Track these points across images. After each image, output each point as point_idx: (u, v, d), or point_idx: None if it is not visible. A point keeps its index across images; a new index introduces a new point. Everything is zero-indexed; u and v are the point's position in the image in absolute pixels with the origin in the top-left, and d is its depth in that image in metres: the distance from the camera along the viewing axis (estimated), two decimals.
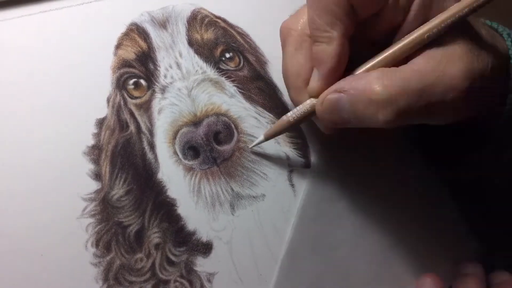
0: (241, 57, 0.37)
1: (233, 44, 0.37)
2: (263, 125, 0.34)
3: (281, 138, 0.35)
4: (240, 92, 0.35)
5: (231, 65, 0.36)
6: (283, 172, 0.34)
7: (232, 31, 0.37)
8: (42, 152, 0.30)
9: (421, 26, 0.28)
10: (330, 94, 0.28)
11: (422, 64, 0.27)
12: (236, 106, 0.34)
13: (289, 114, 0.31)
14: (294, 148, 0.35)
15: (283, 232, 0.32)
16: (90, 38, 0.34)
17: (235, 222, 0.31)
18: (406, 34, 0.28)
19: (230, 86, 0.35)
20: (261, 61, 0.37)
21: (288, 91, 0.32)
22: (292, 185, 0.34)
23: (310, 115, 0.30)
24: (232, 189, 0.32)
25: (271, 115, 0.35)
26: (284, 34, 0.31)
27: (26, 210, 0.29)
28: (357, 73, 0.29)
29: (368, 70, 0.28)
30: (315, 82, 0.29)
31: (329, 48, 0.28)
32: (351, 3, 0.27)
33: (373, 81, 0.26)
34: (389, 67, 0.28)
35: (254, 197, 0.32)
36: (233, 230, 0.31)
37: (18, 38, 0.33)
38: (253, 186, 0.33)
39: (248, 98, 0.35)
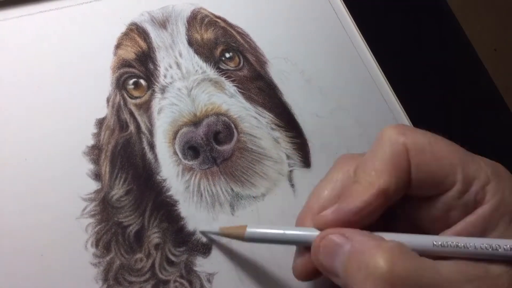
0: (241, 57, 0.37)
1: (233, 44, 0.37)
2: (263, 125, 0.34)
3: (281, 137, 0.35)
4: (240, 92, 0.35)
5: (231, 65, 0.36)
6: (283, 172, 0.34)
7: (232, 31, 0.37)
8: (42, 152, 0.30)
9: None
10: (335, 235, 0.24)
11: (447, 269, 0.22)
12: (236, 106, 0.34)
13: (287, 230, 0.26)
14: (294, 148, 0.35)
15: None
16: (90, 38, 0.34)
17: (235, 222, 0.31)
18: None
19: (230, 86, 0.35)
20: (261, 61, 0.37)
21: (302, 208, 0.28)
22: (292, 185, 0.34)
23: (302, 242, 0.26)
24: (232, 189, 0.32)
25: (271, 115, 0.35)
26: (337, 161, 0.28)
27: (26, 210, 0.28)
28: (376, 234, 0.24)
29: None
30: (328, 211, 0.25)
31: (363, 191, 0.24)
32: (411, 170, 0.24)
33: (383, 248, 0.22)
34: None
35: (254, 197, 0.32)
36: None
37: (18, 38, 0.33)
38: (253, 186, 0.32)
39: (248, 98, 0.35)
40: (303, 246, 0.26)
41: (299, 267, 0.26)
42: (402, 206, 0.26)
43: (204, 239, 0.31)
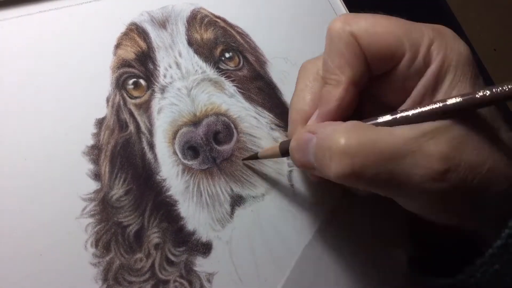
0: (240, 57, 0.37)
1: (232, 44, 0.37)
2: (262, 125, 0.34)
3: (281, 138, 0.35)
4: (239, 92, 0.35)
5: (231, 65, 0.36)
6: (283, 172, 0.34)
7: (232, 31, 0.37)
8: (42, 152, 0.30)
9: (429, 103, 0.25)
10: (304, 133, 0.27)
11: (402, 131, 0.24)
12: (236, 106, 0.34)
13: (285, 142, 0.30)
14: None
15: (282, 232, 0.32)
16: (90, 38, 0.34)
17: (235, 222, 0.31)
18: (413, 102, 0.26)
19: (229, 86, 0.35)
20: (261, 61, 0.37)
21: (288, 126, 0.31)
22: (292, 185, 0.34)
23: None
24: (232, 189, 0.32)
25: (271, 115, 0.35)
26: (300, 71, 0.31)
27: (25, 210, 0.28)
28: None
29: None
30: (312, 120, 0.28)
31: (334, 90, 0.27)
32: (365, 53, 0.26)
33: (340, 130, 0.25)
34: None
35: (254, 197, 0.32)
36: (233, 230, 0.31)
37: (17, 38, 0.33)
38: (252, 186, 0.32)
39: (248, 98, 0.35)
40: None
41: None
42: (368, 89, 0.28)
43: (203, 239, 0.31)
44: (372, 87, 0.28)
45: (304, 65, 0.31)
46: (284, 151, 0.29)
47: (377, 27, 0.26)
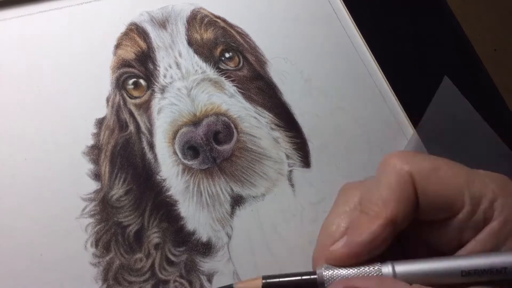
0: (240, 57, 0.36)
1: (232, 44, 0.37)
2: (262, 125, 0.34)
3: (281, 137, 0.35)
4: (239, 92, 0.35)
5: (231, 65, 0.36)
6: (283, 172, 0.34)
7: (232, 31, 0.37)
8: (42, 152, 0.30)
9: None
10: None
11: None
12: (236, 106, 0.34)
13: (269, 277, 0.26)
14: (294, 148, 0.35)
15: (282, 232, 0.32)
16: (90, 38, 0.34)
17: (235, 222, 0.31)
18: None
19: (229, 86, 0.35)
20: (261, 61, 0.37)
21: (314, 250, 0.28)
22: (292, 185, 0.34)
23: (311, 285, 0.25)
24: (232, 189, 0.32)
25: (271, 115, 0.35)
26: (340, 194, 0.29)
27: (25, 210, 0.28)
28: (386, 272, 0.24)
29: (403, 277, 0.24)
30: (338, 246, 0.25)
31: (369, 223, 0.24)
32: (418, 197, 0.25)
33: None
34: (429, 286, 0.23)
35: (254, 197, 0.32)
36: (233, 230, 0.31)
37: (18, 38, 0.33)
38: (253, 186, 0.32)
39: (248, 98, 0.35)
40: None
41: None
42: (413, 229, 0.26)
43: (204, 239, 0.31)
44: (421, 230, 0.26)
45: (345, 189, 0.28)
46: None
47: (439, 172, 0.25)
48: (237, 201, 0.32)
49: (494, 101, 0.48)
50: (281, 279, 0.25)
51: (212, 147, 0.32)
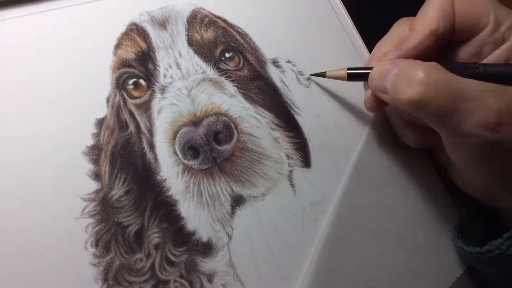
0: (241, 57, 0.36)
1: (233, 44, 0.37)
2: (263, 125, 0.34)
3: (281, 137, 0.35)
4: (240, 92, 0.35)
5: (231, 65, 0.36)
6: (283, 172, 0.34)
7: (232, 31, 0.37)
8: (42, 152, 0.30)
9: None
10: (387, 64, 0.32)
11: (473, 82, 0.29)
12: (236, 106, 0.34)
13: (355, 68, 0.35)
14: (294, 148, 0.35)
15: (283, 232, 0.32)
16: (90, 38, 0.34)
17: (235, 222, 0.31)
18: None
19: (230, 86, 0.35)
20: (261, 61, 0.37)
21: (368, 58, 0.37)
22: (292, 185, 0.34)
23: (365, 78, 0.34)
24: (232, 189, 0.32)
25: (271, 115, 0.35)
26: (394, 25, 0.36)
27: (25, 210, 0.28)
28: None
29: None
30: (390, 54, 0.33)
31: (417, 34, 0.32)
32: (455, 15, 0.32)
33: (422, 65, 0.29)
34: None
35: (254, 197, 0.32)
36: (233, 230, 0.31)
37: (17, 38, 0.33)
38: (253, 186, 0.32)
39: (248, 98, 0.35)
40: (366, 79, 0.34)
41: (367, 99, 0.35)
42: (447, 51, 0.33)
43: (204, 239, 0.31)
44: (449, 51, 0.33)
45: (399, 21, 0.36)
46: (351, 75, 0.35)
47: None
48: (237, 201, 0.32)
49: None
50: (360, 70, 0.35)
51: (212, 147, 0.32)
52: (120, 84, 0.33)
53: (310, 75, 0.37)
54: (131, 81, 0.33)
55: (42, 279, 0.27)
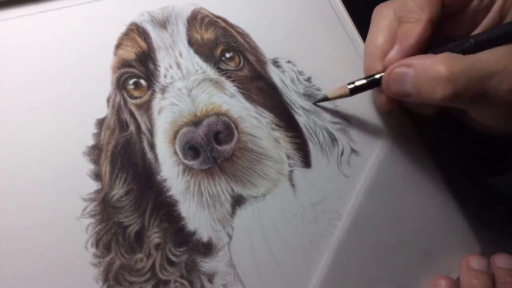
0: (241, 57, 0.36)
1: (233, 44, 0.37)
2: (263, 125, 0.34)
3: (281, 137, 0.35)
4: (240, 92, 0.35)
5: (231, 65, 0.36)
6: (284, 172, 0.34)
7: (232, 31, 0.37)
8: (42, 152, 0.30)
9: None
10: (398, 67, 0.32)
11: (486, 56, 0.30)
12: (236, 106, 0.34)
13: (356, 81, 0.34)
14: (294, 148, 0.35)
15: (283, 232, 0.32)
16: (90, 38, 0.34)
17: (235, 222, 0.31)
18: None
19: (230, 86, 0.35)
20: (261, 61, 0.37)
21: (364, 61, 0.36)
22: (292, 185, 0.34)
23: (373, 85, 0.34)
24: (233, 189, 0.32)
25: (271, 115, 0.35)
26: (375, 14, 0.36)
27: (26, 210, 0.28)
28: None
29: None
30: (393, 54, 0.33)
31: (415, 27, 0.32)
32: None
33: (439, 60, 0.30)
34: None
35: (254, 197, 0.32)
36: (234, 230, 0.31)
37: (18, 38, 0.33)
38: (253, 186, 0.32)
39: (248, 98, 0.35)
40: (373, 88, 0.35)
41: (380, 101, 0.35)
42: (438, 30, 0.33)
43: (204, 239, 0.31)
44: (442, 25, 0.33)
45: (378, 8, 0.35)
46: (353, 90, 0.34)
47: None
48: (237, 201, 0.32)
49: None
50: (361, 81, 0.34)
51: (213, 147, 0.32)
52: (120, 84, 0.33)
53: (313, 103, 0.37)
54: (131, 81, 0.33)
55: (43, 279, 0.27)
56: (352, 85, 0.34)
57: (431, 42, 0.33)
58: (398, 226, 0.34)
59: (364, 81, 0.34)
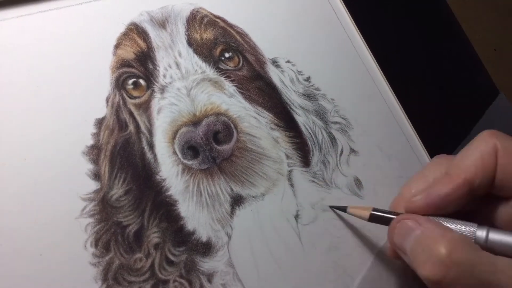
0: (240, 56, 0.37)
1: (232, 44, 0.37)
2: (262, 125, 0.34)
3: (280, 137, 0.35)
4: (239, 91, 0.35)
5: (231, 65, 0.36)
6: (283, 172, 0.34)
7: (232, 31, 0.37)
8: (41, 152, 0.30)
9: None
10: (409, 220, 0.28)
11: (506, 263, 0.25)
12: (236, 106, 0.34)
13: (379, 212, 0.31)
14: (293, 148, 0.35)
15: (282, 232, 0.32)
16: (89, 38, 0.34)
17: (234, 222, 0.31)
18: None
19: (229, 86, 0.35)
20: (261, 61, 0.37)
21: (398, 195, 0.32)
22: (292, 185, 0.34)
23: (387, 222, 0.31)
24: (232, 189, 0.32)
25: (271, 115, 0.35)
26: (432, 160, 0.33)
27: (25, 210, 0.28)
28: (479, 235, 0.27)
29: (493, 244, 0.27)
30: (419, 198, 0.29)
31: (450, 180, 0.28)
32: (496, 169, 0.28)
33: (446, 238, 0.26)
34: None
35: (253, 197, 0.32)
36: (233, 230, 0.31)
37: (17, 38, 0.33)
38: (252, 186, 0.32)
39: (248, 97, 0.35)
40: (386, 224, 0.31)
41: (388, 249, 0.31)
42: (483, 205, 0.29)
43: (203, 239, 0.31)
44: (487, 205, 0.29)
45: (437, 158, 0.33)
46: (373, 218, 0.31)
47: None
48: (237, 201, 0.32)
49: (494, 101, 0.48)
50: (384, 214, 0.31)
51: (212, 147, 0.32)
52: (119, 84, 0.33)
53: (330, 206, 0.34)
54: (130, 81, 0.33)
55: (42, 279, 0.27)
56: (376, 212, 0.31)
57: (469, 202, 0.29)
58: None
59: (386, 214, 0.31)
